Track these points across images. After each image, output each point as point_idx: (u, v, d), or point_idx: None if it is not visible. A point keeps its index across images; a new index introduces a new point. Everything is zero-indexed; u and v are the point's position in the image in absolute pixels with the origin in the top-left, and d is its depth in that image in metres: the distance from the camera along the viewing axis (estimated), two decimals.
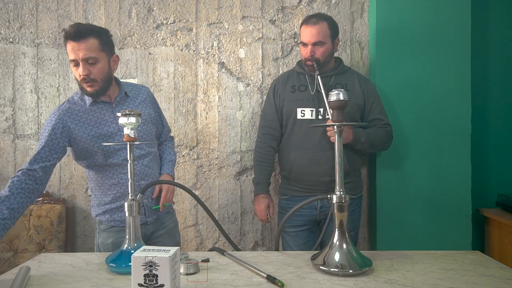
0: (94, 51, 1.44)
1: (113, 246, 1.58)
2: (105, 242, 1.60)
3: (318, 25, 1.78)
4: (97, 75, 1.47)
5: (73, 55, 1.43)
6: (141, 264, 0.93)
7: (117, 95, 1.58)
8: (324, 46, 1.79)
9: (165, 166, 1.70)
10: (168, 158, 1.73)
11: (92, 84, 1.47)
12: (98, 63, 1.46)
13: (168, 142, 1.82)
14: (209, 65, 2.32)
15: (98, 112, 1.55)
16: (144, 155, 1.60)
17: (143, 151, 1.60)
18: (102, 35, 1.49)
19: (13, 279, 1.07)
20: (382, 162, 2.13)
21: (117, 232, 1.61)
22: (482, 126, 2.34)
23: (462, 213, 2.11)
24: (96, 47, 1.45)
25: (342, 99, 1.20)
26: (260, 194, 1.93)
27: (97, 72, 1.46)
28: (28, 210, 2.21)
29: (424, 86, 2.11)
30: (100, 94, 1.52)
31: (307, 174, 1.82)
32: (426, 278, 1.10)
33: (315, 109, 1.82)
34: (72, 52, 1.43)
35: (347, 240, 1.18)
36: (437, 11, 2.11)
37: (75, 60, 1.44)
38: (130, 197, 1.22)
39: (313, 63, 1.78)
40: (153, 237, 1.68)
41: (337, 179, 1.22)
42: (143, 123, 1.60)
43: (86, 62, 1.44)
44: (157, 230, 1.68)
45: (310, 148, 1.81)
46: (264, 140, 1.95)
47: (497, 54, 2.36)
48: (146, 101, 1.66)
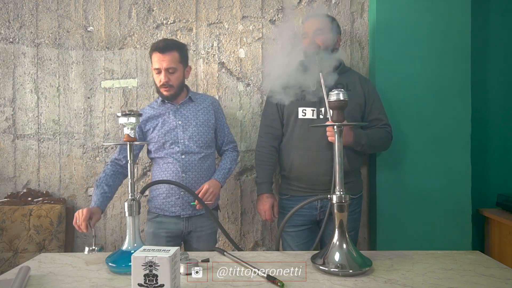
0: (175, 63, 1.76)
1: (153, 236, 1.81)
2: (148, 231, 1.85)
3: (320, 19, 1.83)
4: (174, 82, 1.79)
5: (157, 64, 1.75)
6: (141, 264, 0.93)
7: (183, 100, 1.88)
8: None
9: (216, 172, 1.87)
10: (222, 166, 1.90)
11: (169, 89, 1.79)
12: (176, 72, 1.79)
13: (229, 152, 1.97)
14: (209, 65, 2.32)
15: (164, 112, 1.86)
16: (195, 152, 1.82)
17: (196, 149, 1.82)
18: (183, 50, 1.83)
19: (13, 279, 1.07)
20: (382, 162, 2.13)
21: (158, 223, 1.82)
22: (482, 126, 2.34)
23: (462, 213, 2.10)
24: (177, 59, 1.77)
25: (342, 99, 1.20)
26: (264, 194, 1.93)
27: (174, 79, 1.79)
28: (28, 210, 2.22)
29: (424, 86, 2.11)
30: (173, 98, 1.84)
31: (308, 174, 1.82)
32: (426, 278, 1.10)
33: (316, 108, 1.81)
34: (158, 62, 1.75)
35: (347, 240, 1.18)
36: (437, 10, 2.10)
37: (159, 68, 1.76)
38: (130, 197, 1.22)
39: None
40: (189, 236, 1.84)
41: (337, 179, 1.22)
42: (200, 125, 1.85)
43: (167, 71, 1.75)
44: (195, 231, 1.83)
45: (311, 147, 1.80)
46: (266, 140, 1.95)
47: (497, 54, 2.35)
48: (208, 108, 1.92)
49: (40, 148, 2.36)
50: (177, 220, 1.81)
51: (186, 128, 1.83)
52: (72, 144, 2.36)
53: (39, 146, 2.36)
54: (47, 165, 2.36)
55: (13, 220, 2.19)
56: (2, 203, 2.26)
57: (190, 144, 1.81)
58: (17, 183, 2.37)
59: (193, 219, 1.82)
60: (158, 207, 1.83)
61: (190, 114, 1.87)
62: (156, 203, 1.84)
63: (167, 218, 1.82)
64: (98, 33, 2.34)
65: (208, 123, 1.89)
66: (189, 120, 1.85)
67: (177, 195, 1.79)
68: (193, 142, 1.82)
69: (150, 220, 1.86)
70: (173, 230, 1.82)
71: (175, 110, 1.86)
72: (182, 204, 1.79)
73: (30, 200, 2.29)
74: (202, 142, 1.85)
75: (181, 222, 1.81)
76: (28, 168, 2.37)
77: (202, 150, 1.84)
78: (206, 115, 1.89)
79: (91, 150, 2.35)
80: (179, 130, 1.83)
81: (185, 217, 1.81)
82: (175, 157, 1.80)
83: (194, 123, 1.85)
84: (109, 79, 2.35)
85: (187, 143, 1.81)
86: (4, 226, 2.19)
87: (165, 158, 1.82)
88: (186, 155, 1.81)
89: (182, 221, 1.81)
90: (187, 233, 1.84)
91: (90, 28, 2.35)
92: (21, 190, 2.34)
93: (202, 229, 1.83)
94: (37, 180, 2.36)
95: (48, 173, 2.36)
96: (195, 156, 1.82)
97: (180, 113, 1.86)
